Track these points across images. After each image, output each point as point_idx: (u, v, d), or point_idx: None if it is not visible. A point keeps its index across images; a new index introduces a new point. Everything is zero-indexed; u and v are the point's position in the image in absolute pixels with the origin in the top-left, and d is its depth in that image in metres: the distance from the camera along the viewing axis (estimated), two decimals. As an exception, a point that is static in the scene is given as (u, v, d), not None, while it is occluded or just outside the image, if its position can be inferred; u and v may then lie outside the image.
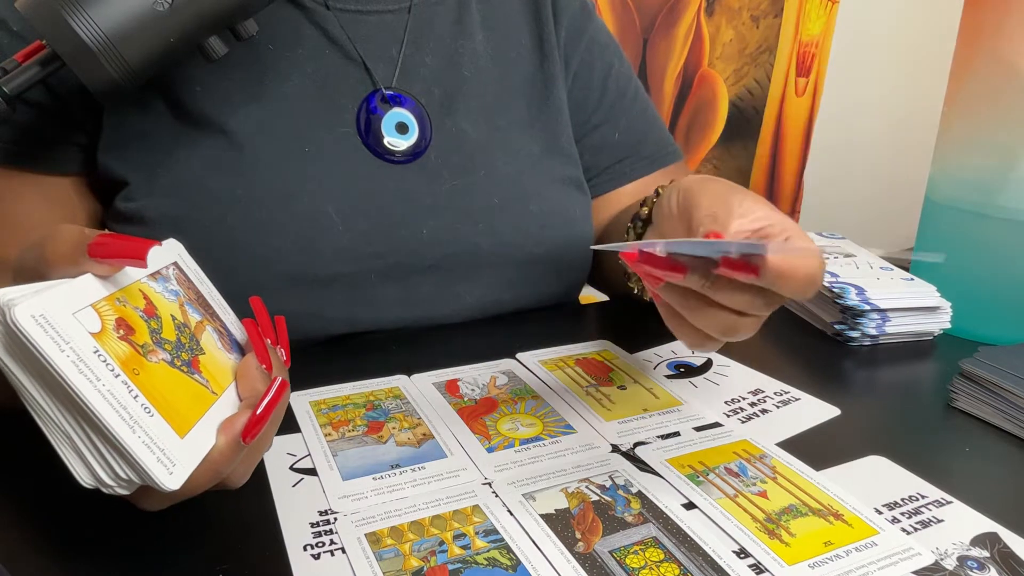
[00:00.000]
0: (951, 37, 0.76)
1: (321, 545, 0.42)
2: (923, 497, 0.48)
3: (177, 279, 0.43)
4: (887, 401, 0.62)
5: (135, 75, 0.49)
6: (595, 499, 0.46)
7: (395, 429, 0.53)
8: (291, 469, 0.48)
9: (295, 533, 0.42)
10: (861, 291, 0.71)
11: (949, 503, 0.47)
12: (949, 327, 0.73)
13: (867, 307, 0.69)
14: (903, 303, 0.71)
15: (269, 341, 0.44)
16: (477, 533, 0.43)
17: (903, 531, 0.44)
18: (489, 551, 0.41)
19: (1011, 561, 0.42)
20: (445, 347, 0.65)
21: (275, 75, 0.64)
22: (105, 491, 0.35)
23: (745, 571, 0.40)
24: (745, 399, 0.59)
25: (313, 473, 0.48)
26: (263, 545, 0.42)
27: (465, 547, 0.42)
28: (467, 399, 0.57)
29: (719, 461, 0.50)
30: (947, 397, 0.60)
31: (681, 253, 0.44)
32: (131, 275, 0.39)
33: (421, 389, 0.58)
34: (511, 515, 0.44)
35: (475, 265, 0.68)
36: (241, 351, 0.45)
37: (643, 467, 0.50)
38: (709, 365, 0.65)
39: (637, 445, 0.52)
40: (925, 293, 0.72)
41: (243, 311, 0.47)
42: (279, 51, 0.64)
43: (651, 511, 0.45)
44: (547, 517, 0.44)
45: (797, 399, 0.59)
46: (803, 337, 0.73)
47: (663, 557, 0.41)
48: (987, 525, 0.45)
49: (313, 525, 0.43)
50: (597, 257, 0.78)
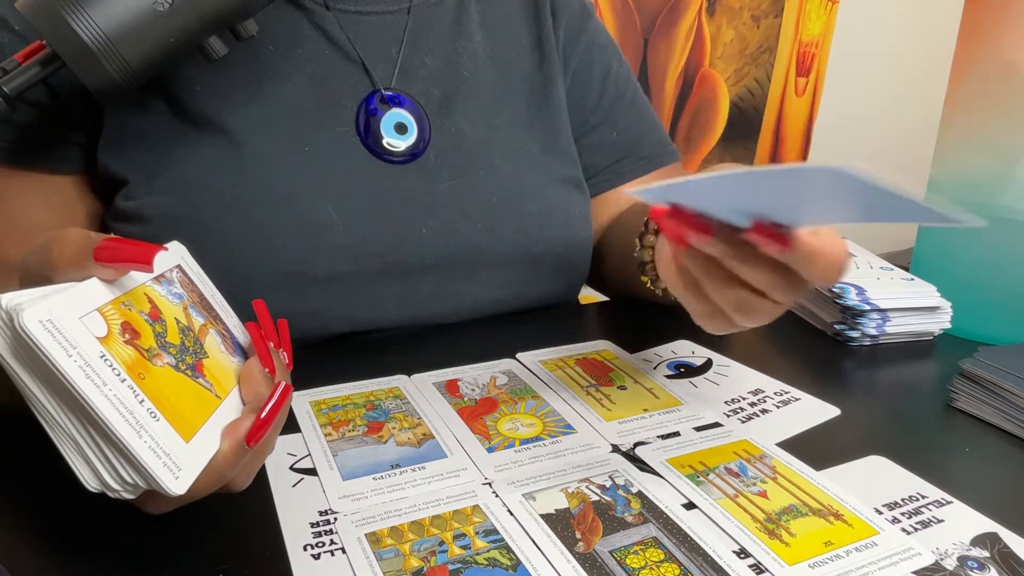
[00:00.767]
0: (951, 37, 0.76)
1: (321, 545, 0.42)
2: (923, 497, 0.48)
3: (181, 282, 0.43)
4: (887, 401, 0.62)
5: (135, 75, 0.49)
6: (595, 499, 0.46)
7: (395, 429, 0.53)
8: (291, 469, 0.48)
9: (295, 533, 0.42)
10: (861, 291, 0.71)
11: (949, 503, 0.47)
12: (949, 327, 0.73)
13: (867, 307, 0.69)
14: (903, 303, 0.71)
15: (272, 344, 0.44)
16: (477, 533, 0.43)
17: (903, 531, 0.44)
18: (489, 551, 0.41)
19: (1011, 561, 0.42)
20: (445, 347, 0.65)
21: (275, 75, 0.64)
22: (111, 495, 0.35)
23: (745, 571, 0.40)
24: (745, 399, 0.59)
25: (313, 473, 0.48)
26: (263, 545, 0.42)
27: (465, 547, 0.42)
28: (467, 399, 0.57)
29: (719, 461, 0.50)
30: (947, 397, 0.60)
31: (713, 216, 0.42)
32: (136, 279, 0.39)
33: (421, 389, 0.58)
34: (511, 515, 0.44)
35: (474, 264, 0.68)
36: (244, 354, 0.45)
37: (643, 467, 0.50)
38: (709, 365, 0.65)
39: (637, 445, 0.52)
40: (925, 293, 0.72)
41: (243, 310, 0.47)
42: (279, 51, 0.65)
43: (651, 511, 0.45)
44: (547, 517, 0.44)
45: (797, 399, 0.59)
46: (803, 337, 0.73)
47: (663, 557, 0.41)
48: (987, 525, 0.45)
49: (313, 525, 0.43)
50: (597, 257, 0.78)
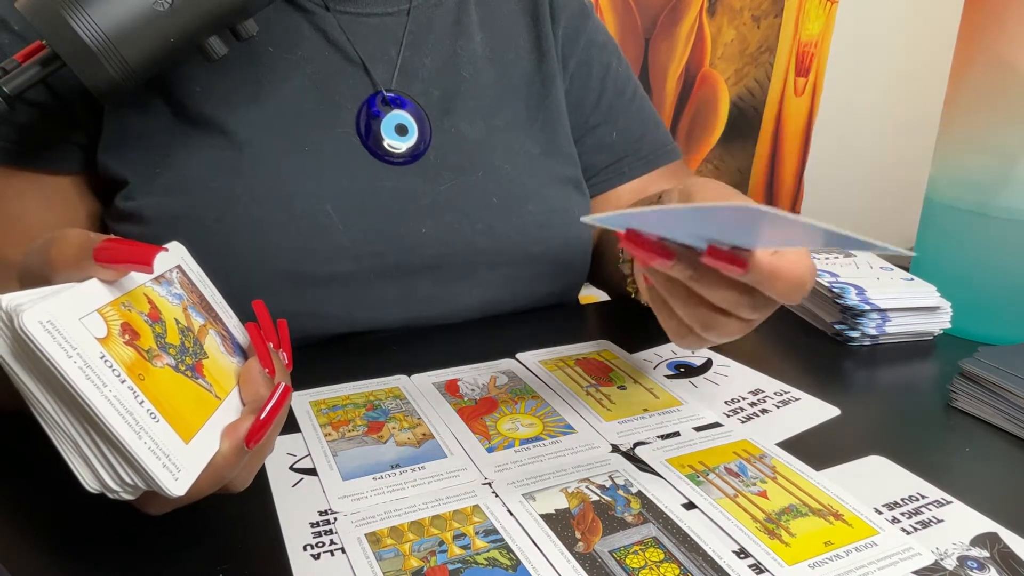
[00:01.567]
0: (951, 37, 0.76)
1: (321, 545, 0.42)
2: (923, 497, 0.48)
3: (180, 283, 0.43)
4: (887, 401, 0.62)
5: (135, 75, 0.49)
6: (595, 499, 0.46)
7: (395, 429, 0.53)
8: (291, 469, 0.48)
9: (295, 533, 0.42)
10: (861, 291, 0.71)
11: (949, 503, 0.47)
12: (949, 327, 0.73)
13: (867, 307, 0.69)
14: (903, 303, 0.71)
15: (271, 345, 0.44)
16: (477, 533, 0.43)
17: (903, 531, 0.44)
18: (489, 551, 0.41)
19: (1011, 561, 0.42)
20: (445, 347, 0.65)
21: (274, 76, 0.64)
22: (110, 496, 0.35)
23: (745, 571, 0.40)
24: (745, 399, 0.59)
25: (313, 473, 0.48)
26: (263, 545, 0.42)
27: (465, 547, 0.42)
28: (467, 399, 0.57)
29: (719, 461, 0.50)
30: (947, 397, 0.60)
31: (672, 240, 0.43)
32: (136, 279, 0.39)
33: (421, 389, 0.58)
34: (511, 515, 0.44)
35: (474, 265, 0.68)
36: (244, 354, 0.45)
37: (643, 467, 0.50)
38: (709, 365, 0.65)
39: (637, 445, 0.52)
40: (925, 293, 0.72)
41: (243, 310, 0.47)
42: (279, 52, 0.65)
43: (651, 511, 0.45)
44: (547, 517, 0.44)
45: (797, 399, 0.59)
46: (803, 337, 0.73)
47: (663, 557, 0.41)
48: (987, 525, 0.45)
49: (313, 525, 0.43)
50: (597, 257, 0.78)
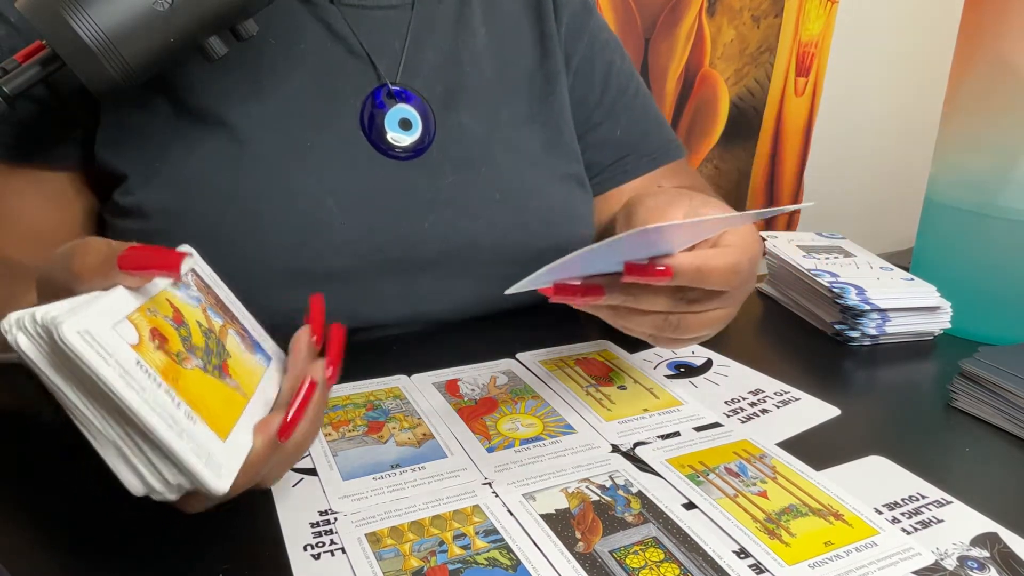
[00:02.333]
0: (951, 37, 0.76)
1: (321, 545, 0.42)
2: (923, 497, 0.48)
3: (197, 285, 0.44)
4: (887, 401, 0.62)
5: (135, 75, 0.49)
6: (595, 499, 0.46)
7: (395, 429, 0.53)
8: (291, 469, 0.48)
9: (295, 533, 0.42)
10: (861, 291, 0.71)
11: (949, 503, 0.47)
12: (949, 327, 0.73)
13: (867, 307, 0.69)
14: (903, 303, 0.71)
15: (315, 339, 0.45)
16: (477, 533, 0.43)
17: (903, 531, 0.44)
18: (489, 551, 0.41)
19: (1011, 561, 0.42)
20: (445, 347, 0.65)
21: (276, 69, 0.64)
22: (155, 498, 0.36)
23: (745, 571, 0.40)
24: (745, 399, 0.59)
25: (313, 473, 0.48)
26: (263, 545, 0.42)
27: (465, 547, 0.42)
28: (467, 399, 0.57)
29: (719, 461, 0.50)
30: (947, 397, 0.60)
31: (594, 273, 0.45)
32: (157, 284, 0.40)
33: (421, 389, 0.58)
34: (511, 515, 0.44)
35: (476, 261, 0.68)
36: (263, 351, 0.46)
37: (643, 467, 0.49)
38: (709, 365, 0.65)
39: (637, 445, 0.52)
40: (925, 293, 0.72)
41: (246, 307, 0.47)
42: (281, 45, 0.64)
43: (651, 511, 0.45)
44: (547, 517, 0.44)
45: (797, 399, 0.59)
46: (803, 337, 0.73)
47: (663, 557, 0.41)
48: (987, 525, 0.45)
49: (313, 525, 0.43)
50: None
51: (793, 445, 0.53)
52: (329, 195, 0.62)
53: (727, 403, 0.58)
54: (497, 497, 0.46)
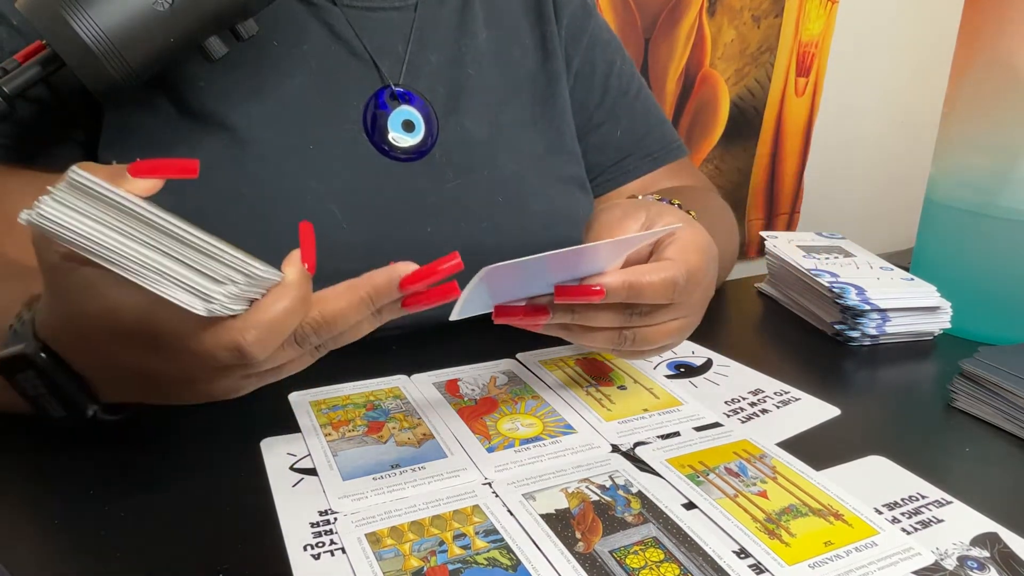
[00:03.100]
0: (951, 37, 0.76)
1: (321, 545, 0.42)
2: (923, 497, 0.48)
3: None
4: (887, 401, 0.62)
5: (135, 75, 0.49)
6: (595, 499, 0.46)
7: (395, 429, 0.53)
8: (291, 469, 0.48)
9: (295, 533, 0.42)
10: (861, 291, 0.71)
11: (949, 503, 0.47)
12: (949, 327, 0.73)
13: (867, 307, 0.69)
14: (903, 303, 0.71)
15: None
16: (477, 533, 0.43)
17: (903, 531, 0.44)
18: (489, 551, 0.41)
19: (1011, 561, 0.42)
20: (445, 347, 0.65)
21: (279, 71, 0.64)
22: (217, 309, 0.36)
23: (745, 571, 0.40)
24: (745, 399, 0.59)
25: (313, 473, 0.48)
26: (263, 545, 0.42)
27: (465, 547, 0.42)
28: (467, 399, 0.57)
29: (719, 461, 0.50)
30: (947, 397, 0.60)
31: (535, 296, 0.47)
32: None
33: (421, 389, 0.58)
34: (511, 515, 0.44)
35: (478, 263, 0.68)
36: None
37: (643, 467, 0.49)
38: (709, 365, 0.65)
39: (637, 445, 0.52)
40: (925, 293, 0.72)
41: None
42: (283, 47, 0.64)
43: (651, 511, 0.45)
44: (547, 517, 0.44)
45: (797, 399, 0.59)
46: (803, 337, 0.73)
47: (663, 557, 0.41)
48: (987, 525, 0.45)
49: (313, 525, 0.43)
50: None
51: (793, 445, 0.53)
52: (331, 197, 0.62)
53: (727, 403, 0.58)
54: (497, 497, 0.46)
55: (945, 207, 0.76)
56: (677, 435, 0.53)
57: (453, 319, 0.47)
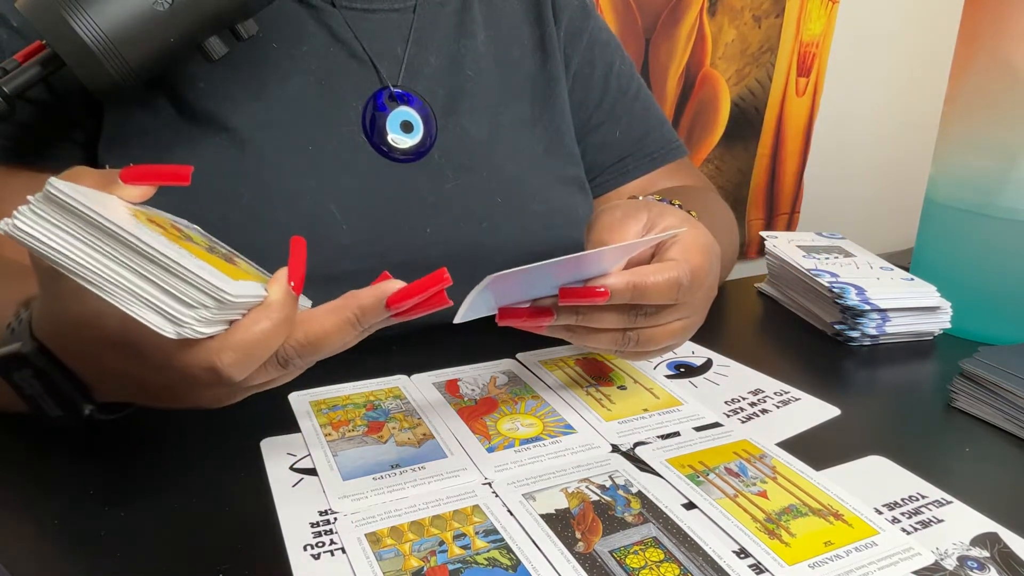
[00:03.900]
0: (951, 37, 0.76)
1: (321, 545, 0.42)
2: (923, 497, 0.48)
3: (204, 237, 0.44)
4: (887, 401, 0.62)
5: (135, 75, 0.49)
6: (595, 499, 0.46)
7: (395, 429, 0.53)
8: (291, 469, 0.48)
9: (295, 533, 0.42)
10: (861, 291, 0.71)
11: (949, 503, 0.47)
12: (949, 327, 0.73)
13: (867, 307, 0.69)
14: (903, 303, 0.71)
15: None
16: (477, 533, 0.43)
17: (903, 531, 0.44)
18: (489, 551, 0.41)
19: (1011, 561, 0.42)
20: (445, 347, 0.65)
21: (278, 72, 0.64)
22: (187, 333, 0.35)
23: (745, 571, 0.40)
24: (745, 399, 0.59)
25: (313, 473, 0.48)
26: (263, 545, 0.42)
27: (465, 547, 0.42)
28: (467, 399, 0.57)
29: (719, 461, 0.50)
30: (947, 397, 0.60)
31: (539, 298, 0.48)
32: (158, 214, 0.40)
33: (421, 389, 0.58)
34: (511, 515, 0.44)
35: (477, 264, 0.68)
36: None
37: (643, 467, 0.49)
38: (709, 365, 0.65)
39: (637, 445, 0.52)
40: (925, 293, 0.72)
41: None
42: (283, 49, 0.64)
43: (651, 511, 0.45)
44: (547, 517, 0.44)
45: (797, 399, 0.59)
46: (803, 337, 0.73)
47: (663, 557, 0.41)
48: (987, 525, 0.45)
49: (313, 525, 0.43)
50: None
51: (793, 445, 0.53)
52: (331, 198, 0.62)
53: (727, 403, 0.58)
54: (497, 497, 0.46)
55: (945, 207, 0.76)
56: (677, 435, 0.53)
57: (456, 323, 0.47)
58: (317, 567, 0.40)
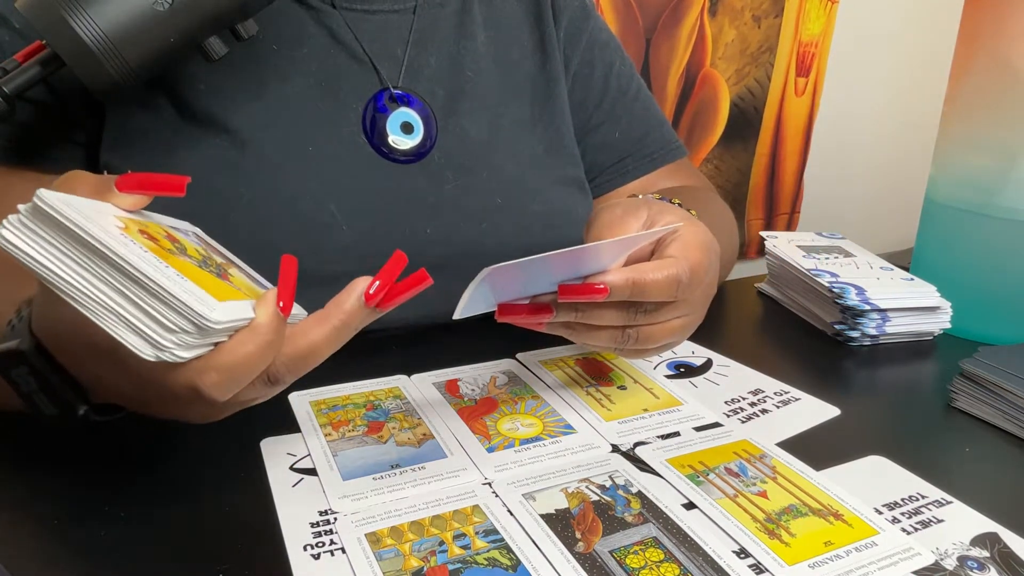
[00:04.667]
0: (951, 37, 0.76)
1: (321, 545, 0.42)
2: (923, 497, 0.48)
3: (200, 240, 0.44)
4: (887, 401, 0.62)
5: (135, 75, 0.49)
6: (595, 499, 0.46)
7: (395, 429, 0.53)
8: (291, 469, 0.48)
9: (295, 533, 0.43)
10: (861, 291, 0.71)
11: (949, 503, 0.47)
12: (949, 327, 0.73)
13: (867, 307, 0.69)
14: (903, 303, 0.71)
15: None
16: (477, 533, 0.43)
17: (903, 531, 0.44)
18: (489, 551, 0.41)
19: (1011, 561, 0.42)
20: (445, 347, 0.65)
21: (279, 74, 0.64)
22: (167, 357, 0.35)
23: (745, 571, 0.40)
24: (745, 399, 0.59)
25: (313, 473, 0.48)
26: (263, 545, 0.42)
27: (465, 547, 0.42)
28: (467, 399, 0.57)
29: (719, 461, 0.50)
30: (947, 397, 0.60)
31: (539, 294, 0.47)
32: (156, 219, 0.40)
33: (421, 389, 0.58)
34: (511, 515, 0.44)
35: (477, 265, 0.68)
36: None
37: (643, 467, 0.50)
38: (709, 365, 0.65)
39: (637, 445, 0.52)
40: (925, 293, 0.72)
41: None
42: (283, 50, 0.64)
43: (651, 511, 0.45)
44: (547, 517, 0.44)
45: (797, 399, 0.59)
46: (803, 337, 0.73)
47: (663, 557, 0.41)
48: (987, 525, 0.45)
49: (313, 525, 0.43)
50: None
51: (793, 445, 0.53)
52: (331, 199, 0.62)
53: (727, 403, 0.58)
54: (497, 497, 0.46)
55: (945, 207, 0.76)
56: (677, 435, 0.53)
57: (456, 318, 0.47)
58: (317, 567, 0.40)
